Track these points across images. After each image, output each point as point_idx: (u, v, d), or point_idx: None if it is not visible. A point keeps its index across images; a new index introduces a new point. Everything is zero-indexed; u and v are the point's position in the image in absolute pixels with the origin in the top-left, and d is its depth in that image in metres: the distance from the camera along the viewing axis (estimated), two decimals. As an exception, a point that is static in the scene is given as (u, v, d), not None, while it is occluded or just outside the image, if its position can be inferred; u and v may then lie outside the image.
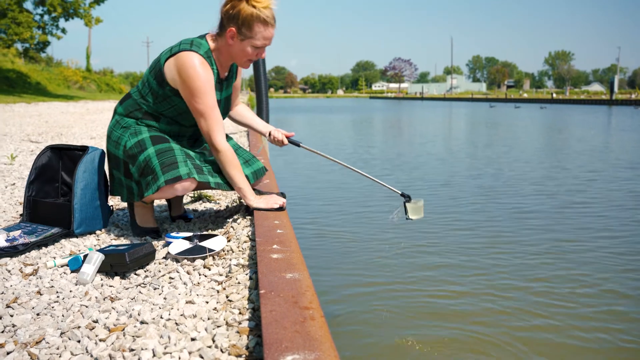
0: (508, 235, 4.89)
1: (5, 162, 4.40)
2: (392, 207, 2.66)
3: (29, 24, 21.27)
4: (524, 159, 10.11)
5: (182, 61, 2.06)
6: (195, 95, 2.08)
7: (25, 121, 9.65)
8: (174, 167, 2.10)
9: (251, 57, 2.15)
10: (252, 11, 2.04)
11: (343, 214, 5.61)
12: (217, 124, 2.13)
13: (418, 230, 4.85)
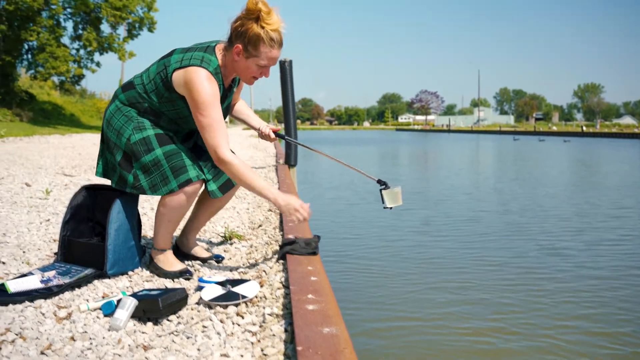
0: (537, 273, 4.78)
1: (40, 196, 4.48)
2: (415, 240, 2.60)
3: (65, 58, 21.93)
4: (551, 194, 9.93)
5: (190, 76, 2.13)
6: (202, 108, 2.13)
7: (60, 153, 9.88)
8: (184, 171, 2.21)
9: (255, 75, 2.22)
10: (260, 32, 2.09)
11: (370, 247, 5.55)
12: (222, 138, 2.16)
13: (445, 266, 4.77)
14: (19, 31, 21.26)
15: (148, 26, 25.35)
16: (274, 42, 2.12)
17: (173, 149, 2.26)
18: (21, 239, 3.02)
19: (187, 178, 2.22)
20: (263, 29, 2.09)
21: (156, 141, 2.25)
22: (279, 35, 2.13)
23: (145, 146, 2.24)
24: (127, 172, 2.30)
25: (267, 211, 3.78)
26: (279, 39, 2.14)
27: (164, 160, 2.22)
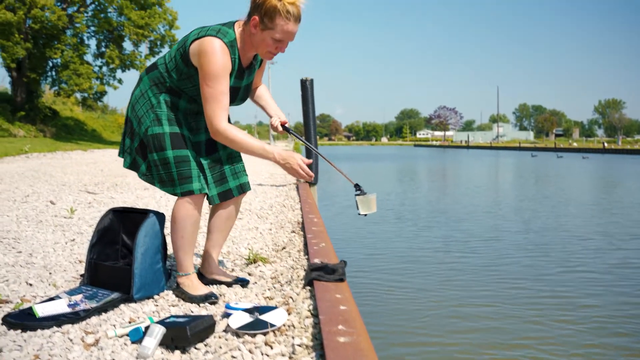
0: (560, 296, 4.69)
1: (65, 215, 4.52)
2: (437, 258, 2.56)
3: (88, 75, 22.34)
4: (572, 213, 9.77)
5: (204, 45, 2.13)
6: (208, 78, 2.14)
7: (82, 170, 10.00)
8: (189, 182, 2.26)
9: (271, 49, 2.19)
10: (277, 4, 2.08)
11: (392, 266, 5.50)
12: (222, 110, 2.17)
13: (468, 287, 4.69)
14: (44, 49, 21.73)
15: (169, 43, 25.73)
16: (290, 15, 2.09)
17: (183, 155, 2.28)
18: (47, 259, 3.03)
19: (189, 189, 2.27)
20: (280, 1, 2.07)
21: (169, 142, 2.27)
22: (296, 9, 2.11)
23: (159, 143, 2.27)
24: (142, 160, 2.35)
25: (290, 232, 3.76)
26: (295, 12, 2.11)
27: (173, 164, 2.27)
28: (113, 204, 5.29)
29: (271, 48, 2.18)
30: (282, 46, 2.20)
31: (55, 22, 20.37)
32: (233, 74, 2.28)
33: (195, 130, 2.43)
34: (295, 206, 5.13)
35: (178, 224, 2.34)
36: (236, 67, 2.27)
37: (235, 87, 2.34)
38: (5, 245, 3.33)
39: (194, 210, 2.33)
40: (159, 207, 5.24)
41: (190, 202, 2.31)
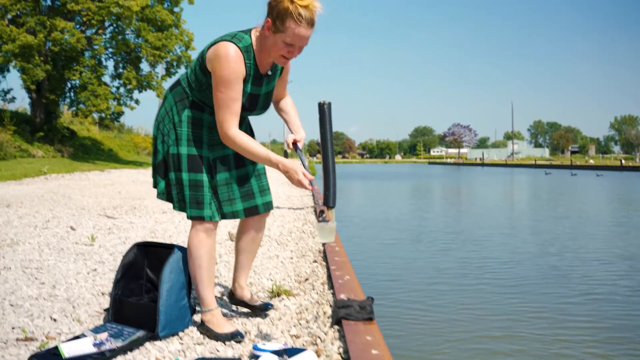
0: (581, 321, 4.59)
1: (85, 242, 4.53)
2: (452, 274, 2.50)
3: (106, 96, 22.61)
4: (590, 234, 9.62)
5: (218, 50, 2.13)
6: (220, 83, 2.14)
7: (100, 192, 10.07)
8: (201, 208, 2.28)
9: (283, 54, 2.14)
10: (289, 6, 2.04)
11: (410, 290, 5.42)
12: (232, 116, 2.18)
13: (488, 314, 4.60)
14: (63, 71, 22.08)
15: (185, 64, 26.00)
16: (301, 18, 2.04)
17: (198, 180, 2.30)
18: (70, 291, 3.02)
19: (200, 215, 2.29)
20: (293, 3, 2.03)
21: (186, 164, 2.29)
22: (308, 13, 2.06)
23: (177, 163, 2.30)
24: (161, 178, 2.38)
25: (312, 262, 3.73)
26: (308, 16, 2.06)
27: (187, 187, 2.29)
28: (132, 230, 5.30)
29: (283, 52, 2.14)
30: (294, 50, 2.15)
31: (74, 45, 20.71)
32: (249, 80, 2.25)
33: (222, 144, 2.40)
34: (314, 232, 5.10)
35: (193, 253, 2.36)
36: (252, 73, 2.25)
37: (254, 94, 2.31)
38: (28, 275, 3.34)
39: (207, 238, 2.34)
40: (178, 232, 5.24)
41: (202, 230, 2.33)
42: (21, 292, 2.95)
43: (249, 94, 2.28)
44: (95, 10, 21.31)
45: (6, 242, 4.44)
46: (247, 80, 2.24)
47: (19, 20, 20.94)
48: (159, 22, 24.11)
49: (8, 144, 19.14)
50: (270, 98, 2.44)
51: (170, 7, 25.28)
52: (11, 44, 19.38)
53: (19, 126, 21.10)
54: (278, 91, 2.53)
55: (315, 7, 2.08)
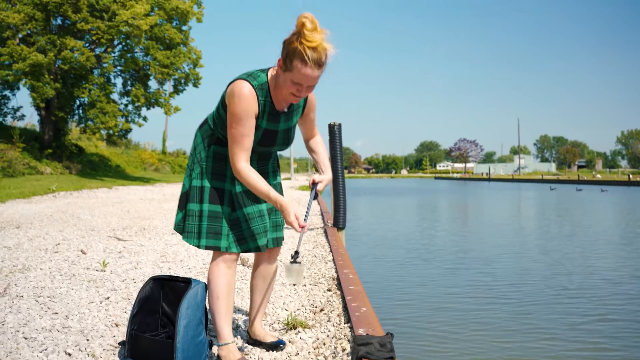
0: (596, 347, 4.52)
1: (97, 267, 4.50)
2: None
3: (114, 114, 22.76)
4: (599, 253, 9.52)
5: (232, 88, 2.21)
6: (232, 120, 2.21)
7: (109, 211, 10.07)
8: (217, 238, 2.34)
9: (293, 92, 2.18)
10: (297, 47, 2.08)
11: (423, 311, 5.36)
12: (242, 151, 2.24)
13: (501, 338, 4.53)
14: (72, 89, 22.27)
15: (193, 81, 26.19)
16: (307, 59, 2.07)
17: (217, 212, 2.36)
18: (83, 322, 3.00)
19: (216, 245, 2.35)
20: (301, 44, 2.06)
21: (208, 196, 2.36)
22: (316, 54, 2.08)
23: (199, 195, 2.38)
24: (179, 210, 2.46)
25: (326, 291, 3.68)
26: (315, 57, 2.08)
27: (205, 218, 2.35)
28: (143, 253, 5.28)
29: (293, 90, 2.17)
30: (302, 89, 2.17)
31: (83, 63, 20.90)
32: (264, 116, 2.29)
33: None
34: (327, 257, 5.06)
35: (211, 284, 2.41)
36: (267, 109, 2.29)
37: (271, 129, 2.35)
38: (41, 305, 3.31)
39: (226, 270, 2.39)
40: (189, 256, 5.21)
41: (222, 262, 2.38)
42: (34, 324, 2.92)
43: (264, 129, 2.32)
44: (104, 29, 21.54)
45: (17, 267, 4.42)
46: (262, 116, 2.29)
47: (30, 39, 21.18)
48: (167, 41, 24.34)
49: (17, 162, 19.26)
50: (291, 134, 2.47)
51: (179, 25, 25.53)
52: (22, 63, 19.58)
53: (28, 143, 21.25)
54: (306, 130, 2.58)
55: (324, 49, 2.10)
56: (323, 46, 2.09)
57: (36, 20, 20.40)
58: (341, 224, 7.13)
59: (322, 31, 2.10)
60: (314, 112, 2.56)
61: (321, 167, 2.57)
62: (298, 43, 2.07)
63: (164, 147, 50.10)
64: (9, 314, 3.09)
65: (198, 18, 25.63)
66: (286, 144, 2.46)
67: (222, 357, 2.38)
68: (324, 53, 2.10)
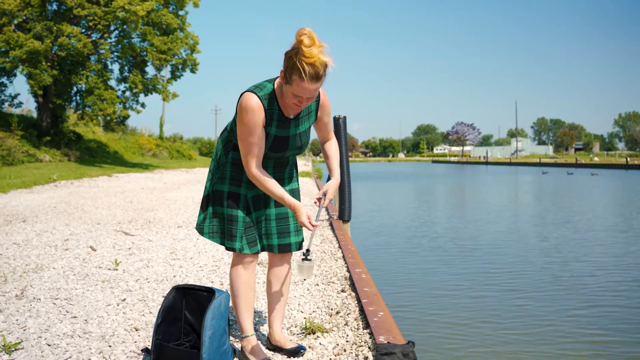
0: (592, 334, 4.62)
1: (109, 266, 4.54)
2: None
3: (112, 101, 22.62)
4: (594, 239, 9.61)
5: (241, 100, 2.32)
6: (240, 129, 2.34)
7: (112, 201, 10.09)
8: (233, 240, 2.49)
9: (295, 102, 2.28)
10: (295, 62, 2.16)
11: (431, 299, 5.43)
12: (252, 157, 2.36)
13: (503, 328, 4.60)
14: (69, 75, 22.11)
15: (191, 67, 26.04)
16: (304, 75, 2.15)
17: (234, 215, 2.50)
18: (103, 327, 3.03)
19: (232, 247, 2.50)
20: (300, 60, 2.14)
21: (226, 200, 2.50)
22: (312, 69, 2.16)
23: (218, 199, 2.52)
24: (201, 212, 2.61)
25: (339, 292, 3.72)
26: (311, 72, 2.16)
27: (226, 220, 2.51)
28: (153, 250, 5.31)
29: (294, 101, 2.27)
30: (302, 101, 2.28)
31: (80, 49, 20.72)
32: (273, 124, 2.39)
33: None
34: (336, 253, 5.10)
35: (231, 283, 2.58)
36: (276, 117, 2.39)
37: (282, 136, 2.44)
38: (59, 308, 3.35)
39: (244, 270, 2.56)
40: (199, 252, 5.24)
41: (240, 263, 2.55)
42: (56, 329, 2.96)
43: (274, 136, 2.42)
44: (101, 15, 21.33)
45: (30, 267, 4.45)
46: (271, 124, 2.39)
47: (26, 26, 20.97)
48: (164, 26, 24.12)
49: (16, 149, 19.21)
50: (303, 139, 2.54)
51: (176, 10, 25.28)
52: (18, 50, 19.42)
53: (26, 131, 21.15)
54: (321, 133, 2.66)
55: (322, 63, 2.18)
56: (321, 60, 2.17)
57: (32, 6, 20.18)
58: (346, 216, 7.18)
59: (320, 45, 2.18)
60: (328, 116, 2.62)
61: (331, 171, 2.65)
62: (296, 59, 2.16)
63: (161, 132, 49.96)
64: (29, 319, 3.13)
65: (195, 3, 25.41)
66: (299, 148, 2.54)
67: (243, 348, 2.57)
68: (321, 67, 2.18)
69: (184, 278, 4.21)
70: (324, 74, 2.22)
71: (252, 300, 2.60)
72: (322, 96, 2.52)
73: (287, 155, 2.54)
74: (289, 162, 2.63)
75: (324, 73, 2.21)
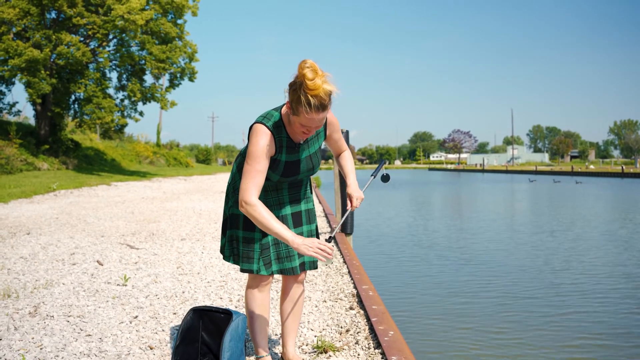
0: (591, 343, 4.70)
1: (118, 282, 4.59)
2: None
3: (111, 109, 22.69)
4: (595, 250, 9.70)
5: (251, 130, 2.42)
6: (248, 157, 2.39)
7: (114, 212, 10.13)
8: (250, 262, 2.54)
9: (304, 130, 2.35)
10: (299, 95, 2.23)
11: (438, 306, 5.49)
12: (253, 186, 2.37)
13: (512, 338, 4.66)
14: (68, 84, 22.18)
15: (189, 76, 26.12)
16: (310, 107, 2.22)
17: (250, 237, 2.56)
18: (117, 345, 3.09)
19: (250, 268, 2.55)
20: (304, 94, 2.21)
21: (242, 223, 2.57)
22: (317, 101, 2.22)
23: (235, 223, 2.59)
24: (222, 236, 2.69)
25: (348, 309, 3.79)
26: (316, 103, 2.23)
27: (241, 243, 2.57)
28: (160, 264, 5.37)
29: (302, 129, 2.35)
30: (311, 129, 2.35)
31: (79, 58, 20.80)
32: (283, 151, 2.47)
33: (279, 205, 2.63)
34: (342, 269, 5.16)
35: (246, 304, 2.64)
36: (285, 144, 2.46)
37: (291, 161, 2.51)
38: (72, 326, 3.40)
39: (259, 292, 2.61)
40: (205, 268, 5.30)
41: (255, 285, 2.61)
42: (72, 348, 3.01)
43: (285, 162, 2.49)
44: (100, 23, 21.43)
45: (40, 282, 4.51)
46: (281, 151, 2.47)
47: (25, 34, 21.04)
48: (162, 35, 24.22)
49: (14, 158, 19.22)
50: (314, 160, 2.61)
51: (174, 19, 25.39)
52: (17, 59, 19.48)
53: (24, 139, 21.17)
54: (334, 148, 2.76)
55: (326, 93, 2.25)
56: (325, 90, 2.24)
57: (31, 15, 20.26)
58: (349, 229, 7.25)
59: (322, 75, 2.25)
60: (338, 133, 2.69)
61: (349, 180, 2.69)
62: (301, 92, 2.23)
63: (158, 140, 49.99)
64: (44, 337, 3.18)
65: (193, 12, 25.52)
66: (311, 169, 2.61)
67: None
68: (326, 97, 2.25)
69: (192, 294, 4.26)
70: (329, 102, 2.29)
71: (267, 322, 2.67)
72: (329, 115, 2.59)
73: (300, 178, 2.61)
74: (303, 182, 2.70)
75: (329, 101, 2.28)
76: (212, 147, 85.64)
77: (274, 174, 2.50)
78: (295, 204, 2.66)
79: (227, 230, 2.65)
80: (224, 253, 2.67)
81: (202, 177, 31.45)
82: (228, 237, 2.64)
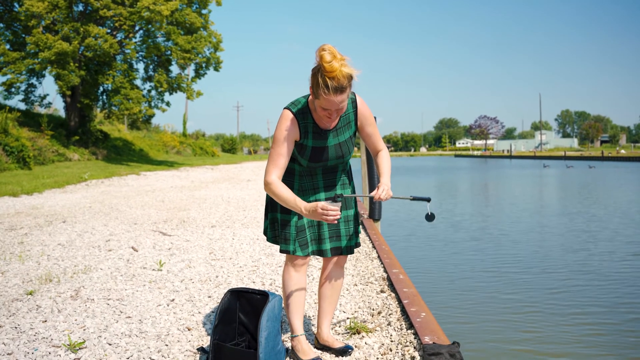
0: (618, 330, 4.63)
1: (153, 267, 4.72)
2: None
3: (138, 100, 23.01)
4: (625, 237, 9.54)
5: (280, 115, 2.52)
6: (273, 141, 2.54)
7: (144, 201, 10.34)
8: (287, 243, 2.63)
9: (325, 114, 2.41)
10: (318, 78, 2.30)
11: (465, 292, 5.49)
12: (273, 167, 2.50)
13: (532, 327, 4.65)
14: (96, 76, 22.56)
15: (214, 65, 26.30)
16: (328, 89, 2.28)
17: (287, 220, 2.65)
18: (157, 326, 3.19)
19: (286, 249, 2.65)
20: (322, 76, 2.28)
21: (280, 206, 2.64)
22: (334, 83, 2.27)
23: (274, 206, 2.68)
24: (265, 219, 2.78)
25: (379, 292, 3.84)
26: (335, 85, 2.28)
27: (279, 225, 2.66)
28: (192, 251, 5.49)
29: (324, 114, 2.41)
30: (332, 113, 2.41)
31: (107, 50, 21.11)
32: (309, 136, 2.54)
33: (314, 190, 2.70)
34: (371, 253, 5.21)
35: (283, 284, 2.73)
36: (311, 129, 2.54)
37: (320, 146, 2.57)
38: (113, 308, 3.52)
39: (296, 273, 2.70)
40: (237, 253, 5.40)
41: (291, 265, 2.70)
42: (113, 329, 3.13)
43: (311, 147, 2.56)
44: (126, 15, 21.68)
45: (79, 267, 4.66)
46: (307, 136, 2.55)
47: (54, 27, 21.41)
48: (187, 25, 24.40)
49: (46, 149, 19.66)
50: (344, 148, 2.64)
51: (199, 9, 25.54)
52: (47, 52, 19.84)
53: (55, 130, 21.63)
54: (369, 144, 2.77)
55: (344, 75, 2.29)
56: (343, 73, 2.29)
57: (59, 8, 20.61)
58: (377, 215, 7.28)
59: (341, 59, 2.29)
60: (371, 126, 2.70)
61: (382, 179, 2.65)
62: (319, 75, 2.30)
63: (185, 130, 50.52)
64: (86, 319, 3.31)
65: (218, 1, 25.63)
66: (341, 157, 2.64)
67: (293, 347, 2.70)
68: (344, 79, 2.30)
69: (225, 278, 4.36)
70: (349, 85, 2.34)
71: (303, 302, 2.74)
72: (360, 105, 2.62)
73: (331, 164, 2.65)
74: (339, 169, 2.73)
75: (348, 84, 2.33)
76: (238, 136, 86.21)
77: (302, 158, 2.58)
78: (331, 189, 2.71)
79: (268, 213, 2.74)
80: (267, 234, 2.76)
81: (228, 166, 31.76)
82: (270, 220, 2.72)
